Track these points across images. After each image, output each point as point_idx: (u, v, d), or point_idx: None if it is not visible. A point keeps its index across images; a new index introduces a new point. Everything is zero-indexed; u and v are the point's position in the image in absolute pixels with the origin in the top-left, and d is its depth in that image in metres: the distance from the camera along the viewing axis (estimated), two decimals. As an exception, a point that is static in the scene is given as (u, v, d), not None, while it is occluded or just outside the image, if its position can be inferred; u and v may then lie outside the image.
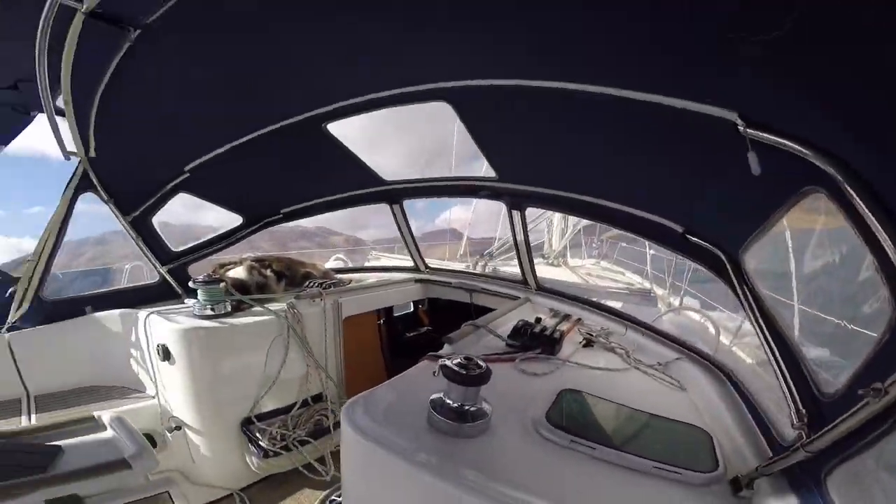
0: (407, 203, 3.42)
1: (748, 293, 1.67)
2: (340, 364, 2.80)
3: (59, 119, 2.07)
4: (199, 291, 2.26)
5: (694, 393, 1.67)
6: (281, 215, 3.29)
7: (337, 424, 2.56)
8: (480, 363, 1.20)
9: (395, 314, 3.81)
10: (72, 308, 2.57)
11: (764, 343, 1.48)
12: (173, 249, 2.83)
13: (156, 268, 2.73)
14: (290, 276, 2.95)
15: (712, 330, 3.27)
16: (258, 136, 2.50)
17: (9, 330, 2.41)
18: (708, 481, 1.06)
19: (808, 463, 0.94)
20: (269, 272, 2.76)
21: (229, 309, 2.32)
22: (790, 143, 1.05)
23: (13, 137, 2.66)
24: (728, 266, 1.78)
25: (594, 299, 2.85)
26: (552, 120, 1.93)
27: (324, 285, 2.84)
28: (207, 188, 2.85)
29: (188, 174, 2.65)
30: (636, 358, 1.93)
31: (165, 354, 2.17)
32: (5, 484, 1.23)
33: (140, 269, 3.98)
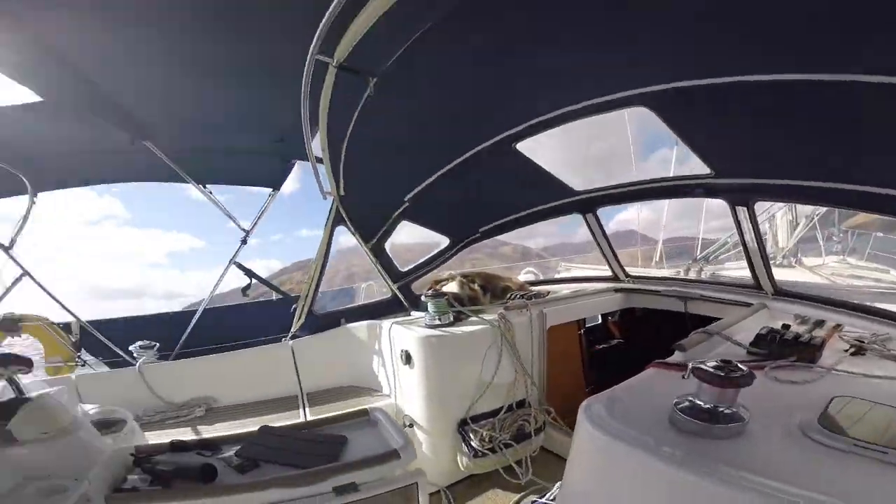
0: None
1: None
2: (543, 372, 2.85)
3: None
4: (428, 304, 2.58)
5: None
6: (479, 234, 3.56)
7: (538, 430, 2.60)
8: (741, 366, 1.12)
9: (587, 325, 3.73)
10: (331, 320, 3.19)
11: None
12: (401, 269, 3.30)
13: (389, 285, 3.22)
14: (492, 289, 3.15)
15: None
16: (458, 163, 2.76)
17: (291, 338, 3.12)
18: None
19: None
20: (476, 286, 3.00)
21: (452, 319, 2.59)
22: None
23: (282, 183, 3.46)
24: None
25: (856, 302, 2.34)
26: (791, 110, 1.75)
27: (526, 296, 2.95)
28: (421, 215, 3.26)
29: (407, 204, 3.09)
30: (929, 367, 1.52)
31: (407, 359, 2.52)
32: (311, 470, 1.43)
33: (371, 288, 4.80)
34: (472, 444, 2.47)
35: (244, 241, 3.34)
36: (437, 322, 2.56)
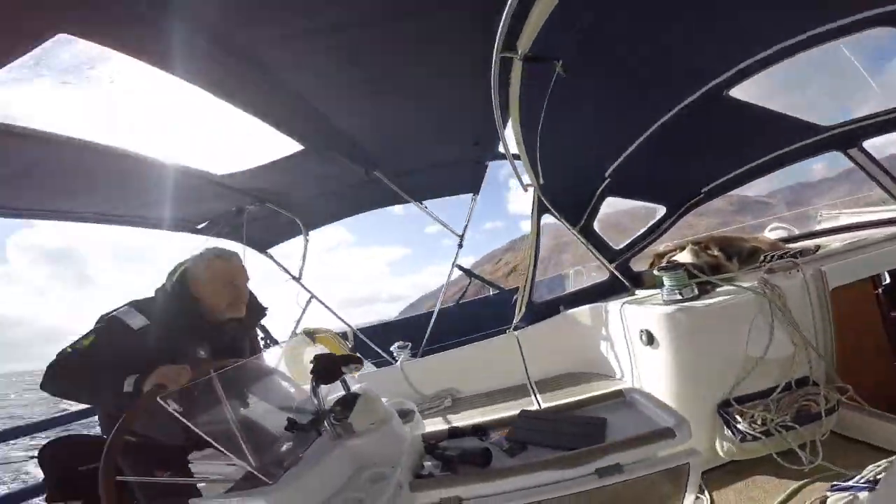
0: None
1: None
2: (830, 344, 2.29)
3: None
4: (664, 278, 2.34)
5: None
6: (703, 195, 3.13)
7: (830, 410, 2.08)
8: None
9: (885, 282, 2.87)
10: (551, 308, 3.20)
11: None
12: (615, 248, 3.13)
13: (606, 266, 3.07)
14: (736, 253, 2.70)
15: None
16: (661, 126, 2.51)
17: (514, 329, 3.23)
18: None
19: None
20: (716, 252, 2.61)
21: (696, 292, 2.30)
22: None
23: (480, 186, 3.62)
24: None
25: None
26: None
27: (788, 255, 2.44)
28: (627, 187, 3.04)
29: (609, 179, 2.90)
30: None
31: (649, 339, 2.34)
32: (575, 452, 1.43)
33: (580, 273, 4.73)
34: (739, 426, 2.13)
35: (460, 245, 3.62)
36: (678, 297, 2.30)
